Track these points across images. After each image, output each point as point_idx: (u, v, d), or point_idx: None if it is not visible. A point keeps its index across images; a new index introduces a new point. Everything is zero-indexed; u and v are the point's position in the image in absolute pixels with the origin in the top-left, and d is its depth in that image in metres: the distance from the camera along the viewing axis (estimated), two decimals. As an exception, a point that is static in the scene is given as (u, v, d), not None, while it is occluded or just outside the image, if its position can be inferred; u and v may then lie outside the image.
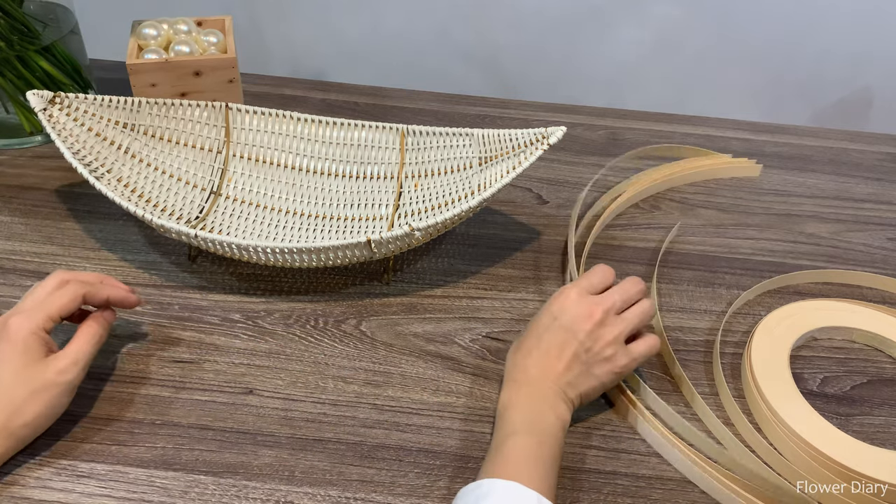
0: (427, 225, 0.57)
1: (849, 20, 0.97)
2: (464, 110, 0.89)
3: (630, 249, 0.72)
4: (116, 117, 0.66)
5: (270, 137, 0.70)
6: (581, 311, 0.53)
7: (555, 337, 0.52)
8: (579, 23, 1.00)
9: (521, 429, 0.48)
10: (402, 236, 0.57)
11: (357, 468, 0.51)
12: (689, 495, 0.51)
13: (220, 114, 0.69)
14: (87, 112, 0.64)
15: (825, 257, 0.73)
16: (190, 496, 0.49)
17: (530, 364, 0.52)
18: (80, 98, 0.64)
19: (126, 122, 0.66)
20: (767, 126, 0.91)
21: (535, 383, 0.51)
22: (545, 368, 0.51)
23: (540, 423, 0.49)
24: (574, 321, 0.52)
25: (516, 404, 0.50)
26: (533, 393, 0.51)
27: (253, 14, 1.02)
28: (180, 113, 0.68)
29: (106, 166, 0.63)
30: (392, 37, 1.03)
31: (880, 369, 0.62)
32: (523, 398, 0.50)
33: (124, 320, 0.60)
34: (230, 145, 0.69)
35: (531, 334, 0.54)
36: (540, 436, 0.48)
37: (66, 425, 0.52)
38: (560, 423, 0.49)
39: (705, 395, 0.58)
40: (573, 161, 0.82)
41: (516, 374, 0.52)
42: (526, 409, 0.50)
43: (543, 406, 0.50)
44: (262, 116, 0.69)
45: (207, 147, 0.69)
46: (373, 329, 0.61)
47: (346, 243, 0.56)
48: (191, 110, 0.68)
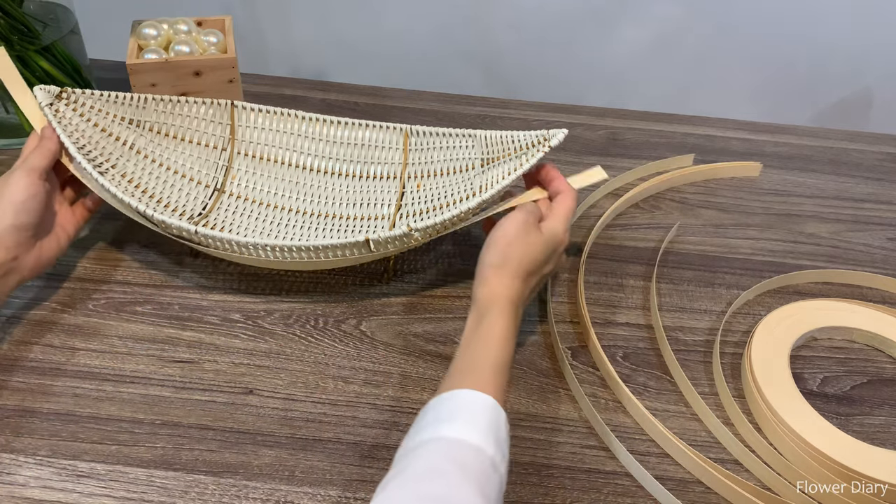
0: (426, 226, 0.57)
1: (849, 20, 0.97)
2: (464, 110, 0.89)
3: (630, 249, 0.72)
4: (122, 113, 0.65)
5: (275, 136, 0.70)
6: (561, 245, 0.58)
7: (546, 268, 0.57)
8: (579, 23, 1.00)
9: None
10: (401, 236, 0.57)
11: (357, 468, 0.51)
12: (689, 495, 0.51)
13: (225, 111, 0.69)
14: (93, 108, 0.64)
15: (825, 257, 0.73)
16: (190, 496, 0.49)
17: (523, 286, 0.54)
18: (86, 94, 0.64)
19: (131, 119, 0.66)
20: (767, 126, 0.91)
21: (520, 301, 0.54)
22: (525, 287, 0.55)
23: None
24: (558, 254, 0.58)
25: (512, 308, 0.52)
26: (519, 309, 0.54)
27: (253, 14, 1.02)
28: (185, 110, 0.68)
29: (111, 161, 0.63)
30: (392, 37, 1.03)
31: (880, 369, 0.62)
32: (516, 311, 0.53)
33: (124, 320, 0.60)
34: (235, 143, 0.69)
35: (539, 259, 0.55)
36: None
37: (66, 425, 0.52)
38: None
39: (705, 395, 0.58)
40: (573, 161, 0.82)
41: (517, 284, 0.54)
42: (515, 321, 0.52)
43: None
44: (267, 114, 0.69)
45: (213, 144, 0.69)
46: (373, 329, 0.61)
47: (344, 242, 0.56)
48: (196, 107, 0.68)
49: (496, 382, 0.46)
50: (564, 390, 0.58)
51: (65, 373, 0.56)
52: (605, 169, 0.64)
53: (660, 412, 0.57)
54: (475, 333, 0.50)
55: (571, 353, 0.61)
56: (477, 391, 0.45)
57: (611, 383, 0.58)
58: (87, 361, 0.57)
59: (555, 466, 0.52)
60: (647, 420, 0.55)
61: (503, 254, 0.54)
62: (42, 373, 0.55)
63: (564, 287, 0.67)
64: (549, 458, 0.53)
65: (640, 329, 0.63)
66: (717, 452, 0.54)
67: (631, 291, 0.67)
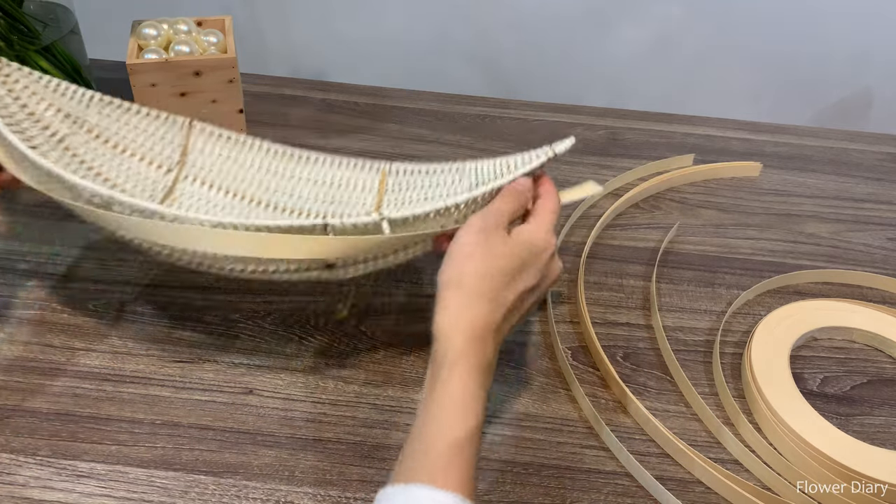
0: (402, 217, 0.46)
1: (849, 20, 0.97)
2: (464, 110, 0.89)
3: (630, 249, 0.72)
4: (60, 105, 0.58)
5: (232, 165, 0.62)
6: (555, 267, 0.49)
7: (527, 280, 0.47)
8: (579, 23, 1.00)
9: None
10: (369, 225, 0.46)
11: (357, 468, 0.51)
12: (689, 495, 0.51)
13: (180, 131, 0.62)
14: (27, 88, 0.57)
15: (825, 257, 0.73)
16: (190, 496, 0.49)
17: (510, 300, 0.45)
18: (23, 71, 0.57)
19: (69, 113, 0.58)
20: (767, 126, 0.91)
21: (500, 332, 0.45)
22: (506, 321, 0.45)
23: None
24: (543, 263, 0.48)
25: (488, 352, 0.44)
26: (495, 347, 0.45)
27: (253, 14, 1.02)
28: (135, 120, 0.61)
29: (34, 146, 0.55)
30: (392, 37, 1.03)
31: (880, 369, 0.62)
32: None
33: (124, 321, 0.60)
34: (184, 166, 0.62)
35: (510, 270, 0.46)
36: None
37: (66, 425, 0.52)
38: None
39: (705, 395, 0.58)
40: (573, 161, 0.82)
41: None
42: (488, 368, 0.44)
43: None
44: (227, 141, 0.62)
45: (157, 163, 0.61)
46: (373, 329, 0.61)
47: (297, 224, 0.46)
48: (148, 120, 0.61)
49: (457, 469, 0.38)
50: (564, 390, 0.58)
51: (65, 373, 0.56)
52: (604, 169, 0.64)
53: (660, 412, 0.57)
54: (431, 396, 0.41)
55: (571, 353, 0.61)
56: (432, 488, 0.37)
57: (611, 383, 0.58)
58: (87, 361, 0.56)
59: (555, 466, 0.52)
60: (647, 420, 0.55)
61: (460, 269, 0.44)
62: (42, 373, 0.55)
63: (564, 287, 0.67)
64: (549, 458, 0.53)
65: (640, 329, 0.63)
66: (717, 452, 0.54)
67: (631, 291, 0.67)
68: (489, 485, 0.51)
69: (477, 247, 0.45)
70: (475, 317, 0.43)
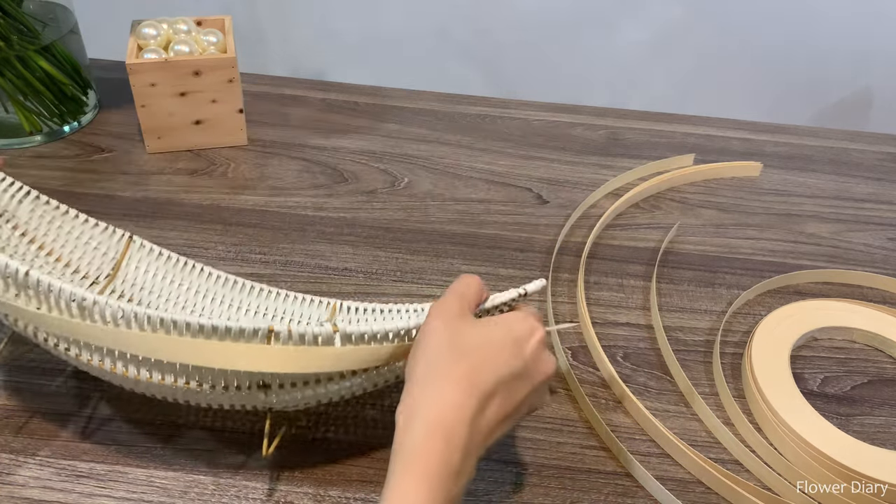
0: (358, 331, 0.41)
1: (849, 20, 0.97)
2: (464, 110, 0.89)
3: (630, 249, 0.72)
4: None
5: (167, 285, 0.57)
6: (549, 366, 0.42)
7: (511, 365, 0.40)
8: (579, 23, 1.00)
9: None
10: (320, 336, 0.41)
11: (357, 468, 0.51)
12: (689, 495, 0.51)
13: (119, 244, 0.57)
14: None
15: (825, 257, 0.73)
16: (190, 496, 0.49)
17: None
18: None
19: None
20: (767, 126, 0.91)
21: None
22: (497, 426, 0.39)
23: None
24: (533, 348, 0.41)
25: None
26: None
27: (253, 14, 1.02)
28: (69, 226, 0.56)
29: None
30: (392, 37, 1.03)
31: (880, 369, 0.62)
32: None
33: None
34: (112, 280, 0.56)
35: (510, 354, 0.40)
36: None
37: (66, 425, 0.52)
38: None
39: (705, 395, 0.58)
40: (573, 161, 0.82)
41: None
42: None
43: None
44: (168, 261, 0.57)
45: (85, 272, 0.56)
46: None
47: (237, 326, 0.39)
48: (86, 227, 0.56)
49: None
50: (564, 390, 0.58)
51: (65, 373, 0.55)
52: (605, 169, 0.64)
53: (660, 412, 0.57)
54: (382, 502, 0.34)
55: (571, 353, 0.61)
56: None
57: (611, 383, 0.58)
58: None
59: (555, 466, 0.52)
60: (647, 420, 0.55)
61: (425, 354, 0.38)
62: (42, 373, 0.55)
63: (564, 287, 0.67)
64: (549, 458, 0.53)
65: (640, 329, 0.63)
66: (717, 452, 0.54)
67: (631, 291, 0.67)
68: (489, 485, 0.51)
69: (444, 330, 0.39)
70: (442, 400, 0.36)
